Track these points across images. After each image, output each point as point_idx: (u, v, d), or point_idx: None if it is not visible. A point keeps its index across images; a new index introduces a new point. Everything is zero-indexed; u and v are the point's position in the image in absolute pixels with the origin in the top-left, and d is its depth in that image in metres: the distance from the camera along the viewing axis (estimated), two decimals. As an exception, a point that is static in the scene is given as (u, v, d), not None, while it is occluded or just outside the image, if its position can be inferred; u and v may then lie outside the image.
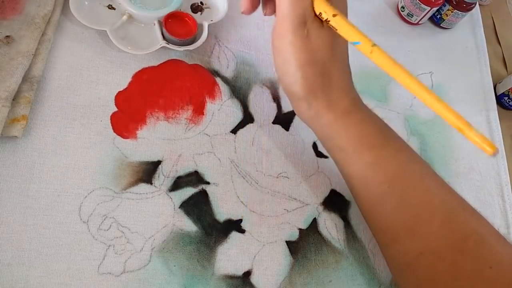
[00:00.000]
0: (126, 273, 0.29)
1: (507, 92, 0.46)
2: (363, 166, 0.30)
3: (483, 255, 0.26)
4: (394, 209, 0.29)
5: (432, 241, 0.27)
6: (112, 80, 0.34)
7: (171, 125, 0.34)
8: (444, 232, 0.27)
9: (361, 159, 0.30)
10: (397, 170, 0.29)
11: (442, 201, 0.28)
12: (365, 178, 0.30)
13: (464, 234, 0.27)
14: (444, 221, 0.27)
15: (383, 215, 0.30)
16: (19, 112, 0.30)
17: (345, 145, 0.30)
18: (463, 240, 0.27)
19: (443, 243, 0.27)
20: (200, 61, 0.37)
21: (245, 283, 0.31)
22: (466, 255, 0.26)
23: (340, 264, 0.34)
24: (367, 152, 0.29)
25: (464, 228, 0.27)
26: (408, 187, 0.29)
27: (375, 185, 0.29)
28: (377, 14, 0.47)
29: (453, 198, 0.29)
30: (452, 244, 0.27)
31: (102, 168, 0.31)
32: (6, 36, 0.31)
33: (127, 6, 0.35)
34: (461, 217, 0.28)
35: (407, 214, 0.28)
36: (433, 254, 0.27)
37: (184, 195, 0.33)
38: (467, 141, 0.23)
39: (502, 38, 0.52)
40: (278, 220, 0.34)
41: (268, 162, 0.36)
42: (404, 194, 0.29)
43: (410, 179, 0.29)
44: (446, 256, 0.27)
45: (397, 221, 0.29)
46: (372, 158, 0.29)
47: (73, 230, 0.29)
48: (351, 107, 0.29)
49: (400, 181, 0.29)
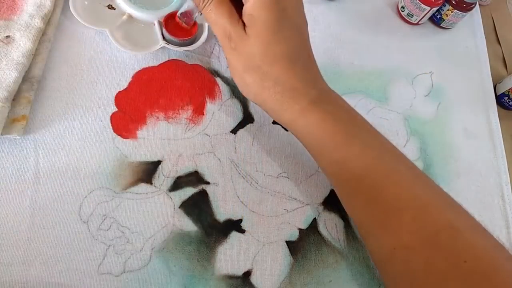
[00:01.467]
0: (126, 273, 0.29)
1: (507, 92, 0.46)
2: (329, 164, 0.30)
3: (457, 249, 0.26)
4: (364, 205, 0.29)
5: (404, 236, 0.27)
6: (112, 80, 0.34)
7: (171, 125, 0.34)
8: (415, 226, 0.27)
9: (325, 159, 0.30)
10: (364, 168, 0.28)
11: (413, 195, 0.28)
12: (333, 175, 0.30)
13: (436, 228, 0.26)
14: (416, 216, 0.27)
15: (356, 210, 0.30)
16: (19, 112, 0.30)
17: (308, 145, 0.31)
18: (436, 234, 0.26)
19: (415, 238, 0.27)
20: (200, 61, 0.37)
21: (245, 283, 0.31)
22: (439, 250, 0.26)
23: (340, 264, 0.34)
24: (331, 152, 0.29)
25: (436, 222, 0.27)
26: (376, 183, 0.28)
27: (343, 182, 0.30)
28: (377, 14, 0.47)
29: (426, 191, 0.29)
30: (424, 239, 0.26)
31: (102, 168, 0.31)
32: (6, 36, 0.31)
33: (127, 6, 0.35)
34: (434, 210, 0.27)
35: (377, 209, 0.28)
36: (406, 249, 0.27)
37: (184, 195, 0.33)
38: (467, 141, 0.22)
39: (502, 38, 0.52)
40: (278, 220, 0.34)
41: (268, 162, 0.36)
42: (372, 190, 0.28)
43: (378, 176, 0.28)
44: (419, 251, 0.26)
45: (369, 216, 0.29)
46: (336, 157, 0.29)
47: (73, 230, 0.29)
48: (309, 106, 0.28)
49: (367, 178, 0.28)
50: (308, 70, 0.29)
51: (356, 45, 0.44)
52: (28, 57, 0.31)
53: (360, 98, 0.41)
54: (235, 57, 0.28)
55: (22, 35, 0.31)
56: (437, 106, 0.44)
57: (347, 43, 0.44)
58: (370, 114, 0.41)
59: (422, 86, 0.44)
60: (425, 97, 0.44)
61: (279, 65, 0.28)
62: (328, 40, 0.29)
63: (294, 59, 0.28)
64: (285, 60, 0.28)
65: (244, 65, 0.28)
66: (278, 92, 0.28)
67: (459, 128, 0.43)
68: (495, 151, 0.43)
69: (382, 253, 0.29)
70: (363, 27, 0.45)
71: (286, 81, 0.28)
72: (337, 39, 0.43)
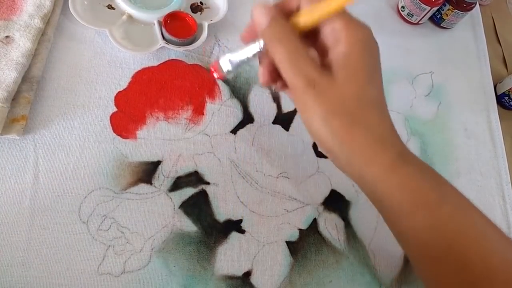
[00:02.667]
0: (125, 273, 0.29)
1: (507, 92, 0.46)
2: (418, 228, 0.27)
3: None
4: (453, 272, 0.27)
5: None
6: (112, 80, 0.34)
7: (171, 125, 0.34)
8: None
9: (414, 221, 0.27)
10: (456, 231, 0.26)
11: (503, 262, 0.26)
12: (420, 239, 0.27)
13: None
14: (506, 282, 0.26)
15: (442, 277, 0.27)
16: (19, 112, 0.30)
17: (394, 205, 0.27)
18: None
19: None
20: (200, 61, 0.37)
21: (245, 284, 0.31)
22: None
23: (340, 264, 0.34)
24: (421, 212, 0.26)
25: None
26: (468, 249, 0.26)
27: (431, 247, 0.27)
28: (377, 14, 0.47)
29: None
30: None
31: (102, 168, 0.31)
32: (5, 36, 0.31)
33: (127, 6, 0.35)
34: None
35: (467, 276, 0.26)
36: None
37: (184, 195, 0.33)
38: (468, 141, 0.22)
39: (502, 38, 0.52)
40: (278, 220, 0.34)
41: (268, 162, 0.36)
42: (463, 256, 0.26)
43: (470, 241, 0.26)
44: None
45: (456, 284, 0.27)
46: (428, 219, 0.26)
47: (72, 231, 0.29)
48: (397, 161, 0.26)
49: (459, 243, 0.26)
50: (390, 121, 0.27)
51: (356, 45, 0.44)
52: (27, 57, 0.31)
53: (360, 98, 0.41)
54: (318, 102, 0.25)
55: (21, 35, 0.31)
56: (437, 106, 0.44)
57: (347, 43, 0.44)
58: (370, 114, 0.41)
59: (423, 86, 0.44)
60: (426, 97, 0.44)
61: (372, 111, 0.25)
62: (328, 40, 0.29)
63: (383, 105, 0.26)
64: (377, 106, 0.26)
65: (330, 109, 0.25)
66: (368, 140, 0.25)
67: (459, 128, 0.43)
68: (495, 151, 0.43)
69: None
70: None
71: (376, 128, 0.25)
72: (337, 39, 0.44)
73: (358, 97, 0.25)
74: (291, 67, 0.25)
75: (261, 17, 0.26)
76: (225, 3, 0.38)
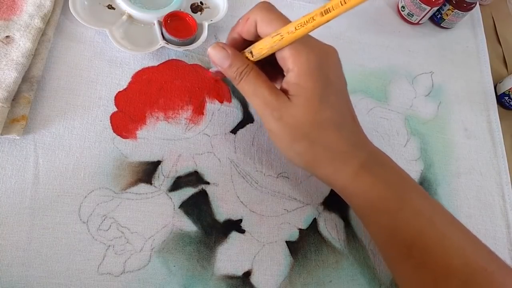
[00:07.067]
0: (125, 273, 0.29)
1: (508, 92, 0.46)
2: (381, 229, 0.30)
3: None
4: (413, 271, 0.29)
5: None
6: (112, 80, 0.34)
7: (171, 125, 0.34)
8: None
9: (376, 223, 0.30)
10: (415, 233, 0.28)
11: (463, 261, 0.27)
12: (383, 240, 0.30)
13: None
14: (464, 283, 0.27)
15: (404, 275, 0.30)
16: (19, 112, 0.30)
17: (358, 209, 0.31)
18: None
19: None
20: (200, 61, 0.37)
21: (245, 284, 0.31)
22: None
23: (340, 264, 0.34)
24: (382, 216, 0.29)
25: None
26: (426, 248, 0.28)
27: (393, 247, 0.29)
28: (377, 14, 0.47)
29: (477, 257, 0.28)
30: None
31: (102, 168, 0.31)
32: (5, 36, 0.31)
33: (127, 6, 0.35)
34: (482, 279, 0.27)
35: (426, 275, 0.28)
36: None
37: (184, 195, 0.33)
38: (468, 141, 0.22)
39: (502, 38, 0.52)
40: (278, 220, 0.34)
41: (268, 162, 0.36)
42: (422, 255, 0.28)
43: (429, 241, 0.28)
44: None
45: (417, 282, 0.28)
46: (388, 222, 0.29)
47: (72, 231, 0.29)
48: (360, 170, 0.28)
49: (418, 244, 0.28)
50: (354, 133, 0.30)
51: (356, 45, 0.44)
52: (27, 57, 0.31)
53: (360, 98, 0.41)
54: (280, 127, 0.28)
55: (21, 35, 0.31)
56: (437, 106, 0.44)
57: (347, 43, 0.44)
58: (370, 114, 0.41)
59: (423, 86, 0.44)
60: (426, 97, 0.44)
61: (327, 131, 0.28)
62: (328, 40, 0.29)
63: (340, 123, 0.28)
64: (332, 126, 0.28)
65: (292, 135, 0.28)
66: (328, 158, 0.28)
67: (459, 128, 0.43)
68: (495, 151, 0.43)
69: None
70: (363, 27, 0.45)
71: (334, 146, 0.28)
72: (337, 39, 0.43)
73: (312, 121, 0.27)
74: (253, 87, 0.28)
75: (220, 61, 0.28)
76: (225, 3, 0.38)
